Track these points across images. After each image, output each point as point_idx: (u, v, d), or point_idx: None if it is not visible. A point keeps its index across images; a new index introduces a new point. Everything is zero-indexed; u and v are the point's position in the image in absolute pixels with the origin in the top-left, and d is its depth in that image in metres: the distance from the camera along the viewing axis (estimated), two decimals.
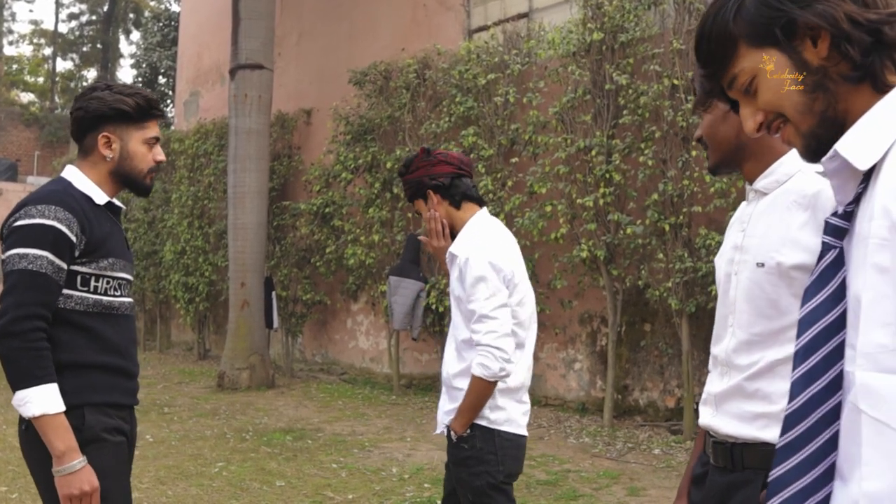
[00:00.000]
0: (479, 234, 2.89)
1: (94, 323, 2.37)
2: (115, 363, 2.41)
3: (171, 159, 14.10)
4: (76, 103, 2.47)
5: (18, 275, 2.24)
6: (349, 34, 11.86)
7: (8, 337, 2.20)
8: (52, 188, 2.38)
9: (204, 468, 6.16)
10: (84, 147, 2.48)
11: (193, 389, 10.34)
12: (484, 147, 8.62)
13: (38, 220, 2.27)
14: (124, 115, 2.44)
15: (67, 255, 2.30)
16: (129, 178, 2.51)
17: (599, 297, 8.18)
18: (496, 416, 2.77)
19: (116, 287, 2.46)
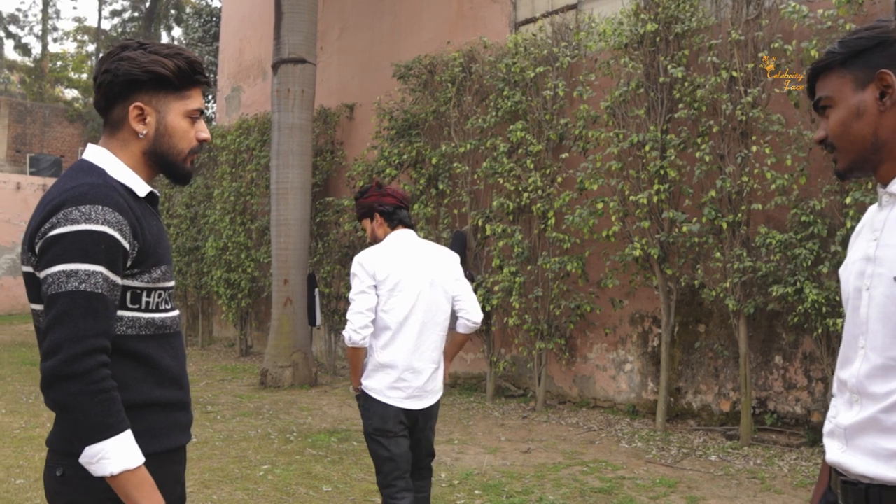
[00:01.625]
0: (375, 246, 3.79)
1: (148, 349, 1.95)
2: (173, 397, 2.02)
3: (214, 155, 14.11)
4: (101, 65, 1.96)
5: (69, 298, 1.78)
6: (392, 27, 11.70)
7: (67, 380, 1.74)
8: (91, 181, 1.87)
9: (249, 471, 6.05)
10: (111, 120, 1.98)
11: (236, 387, 10.27)
12: (532, 142, 8.41)
13: (84, 225, 1.80)
14: (162, 81, 1.96)
15: (121, 268, 1.87)
16: (167, 159, 2.02)
17: (651, 297, 7.93)
18: (367, 383, 3.69)
19: (166, 299, 2.04)
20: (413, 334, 3.65)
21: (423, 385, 3.67)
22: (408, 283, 3.65)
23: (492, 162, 8.75)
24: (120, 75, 1.92)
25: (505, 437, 7.28)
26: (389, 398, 3.60)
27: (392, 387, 3.61)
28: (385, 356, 3.63)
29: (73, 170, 1.95)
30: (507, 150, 8.66)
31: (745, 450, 6.67)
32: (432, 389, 3.75)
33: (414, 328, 3.65)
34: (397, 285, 3.63)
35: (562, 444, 7.04)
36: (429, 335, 3.70)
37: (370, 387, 3.64)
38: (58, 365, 1.74)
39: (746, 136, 6.87)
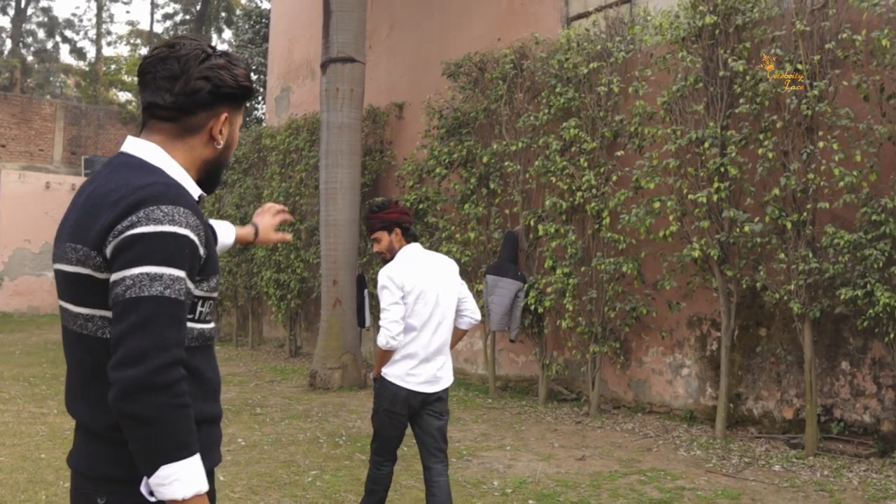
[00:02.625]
0: (397, 260, 4.28)
1: (196, 361, 1.85)
2: (215, 411, 1.93)
3: (263, 155, 14.12)
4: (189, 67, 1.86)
5: (154, 303, 1.65)
6: (441, 25, 11.55)
7: (153, 392, 1.62)
8: (163, 180, 1.77)
9: (297, 477, 5.94)
10: (187, 124, 1.89)
11: (285, 388, 10.21)
12: (586, 140, 8.19)
13: (168, 227, 1.69)
14: (244, 96, 1.96)
15: (196, 275, 1.78)
16: (220, 170, 2.01)
17: (710, 299, 7.67)
18: (387, 370, 4.22)
19: (211, 310, 1.95)
20: (430, 331, 4.23)
21: (436, 372, 4.24)
22: (428, 291, 4.22)
23: (544, 160, 8.55)
24: (220, 85, 1.88)
25: (558, 444, 7.08)
26: (407, 383, 4.17)
27: (409, 373, 4.19)
28: (408, 349, 4.20)
29: (128, 165, 1.83)
30: (560, 149, 8.45)
31: (811, 460, 6.38)
32: (443, 376, 4.30)
33: (431, 327, 4.23)
34: (421, 294, 4.19)
35: (617, 451, 6.82)
36: (442, 331, 4.28)
37: (390, 373, 4.21)
38: (144, 374, 1.62)
39: (812, 131, 6.58)
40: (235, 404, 8.94)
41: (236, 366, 12.45)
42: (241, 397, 9.43)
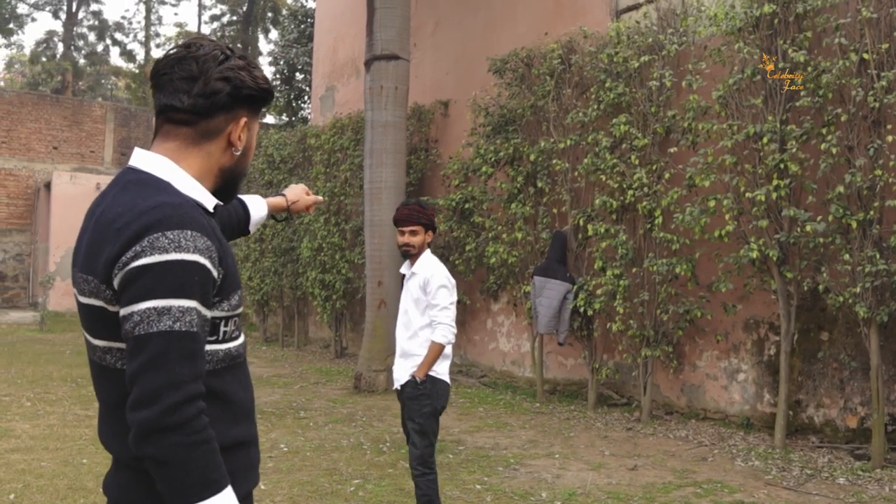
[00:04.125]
0: (438, 262, 4.58)
1: (224, 384, 1.77)
2: (248, 434, 1.84)
3: (308, 155, 14.05)
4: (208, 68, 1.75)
5: (164, 340, 1.56)
6: (487, 21, 11.33)
7: (168, 433, 1.55)
8: (170, 200, 1.66)
9: (339, 486, 5.77)
10: (203, 128, 1.77)
11: (330, 391, 10.09)
12: (637, 136, 7.91)
13: (174, 254, 1.59)
14: (264, 100, 1.86)
15: (211, 300, 1.68)
16: (238, 178, 1.90)
17: (768, 302, 7.33)
18: (438, 369, 4.46)
19: (238, 325, 1.85)
20: None
21: None
22: None
23: (593, 158, 8.29)
24: (241, 87, 1.78)
25: (609, 452, 6.82)
26: (448, 380, 4.52)
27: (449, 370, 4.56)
28: (449, 348, 4.52)
29: (135, 184, 1.72)
30: (610, 146, 8.18)
31: (878, 472, 6.04)
32: None
33: None
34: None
35: (671, 460, 6.54)
36: None
37: (441, 371, 4.45)
38: (157, 416, 1.55)
39: (879, 124, 6.22)
40: (280, 407, 8.84)
41: (282, 367, 12.38)
42: (286, 400, 9.33)
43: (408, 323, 4.57)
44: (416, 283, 4.53)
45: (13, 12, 31.77)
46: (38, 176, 22.77)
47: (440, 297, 4.45)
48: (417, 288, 4.52)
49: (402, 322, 4.63)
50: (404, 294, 4.64)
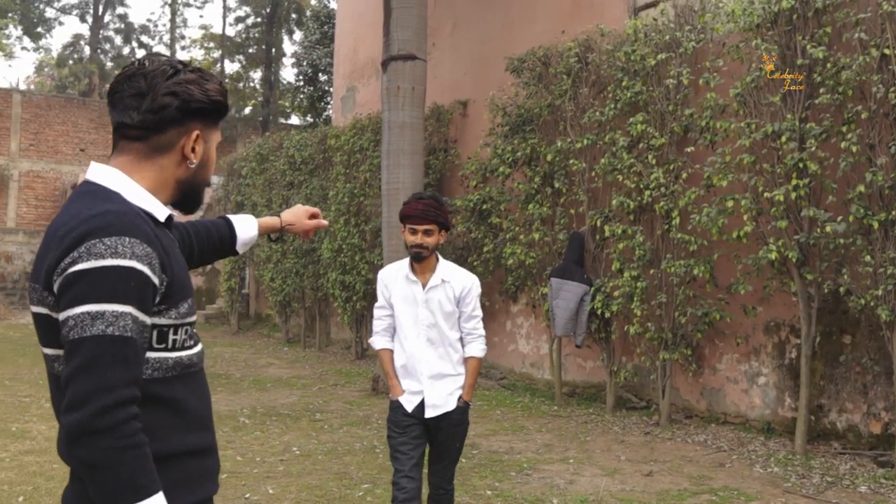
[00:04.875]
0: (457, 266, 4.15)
1: (175, 392, 1.79)
2: (203, 442, 1.86)
3: (328, 156, 14.03)
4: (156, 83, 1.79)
5: (95, 343, 1.58)
6: (505, 20, 11.23)
7: (95, 435, 1.56)
8: (113, 208, 1.69)
9: (348, 490, 5.72)
10: (155, 142, 1.81)
11: (348, 393, 10.05)
12: (654, 135, 7.78)
13: (111, 260, 1.61)
14: (217, 112, 1.89)
15: (151, 306, 1.70)
16: (197, 190, 1.93)
17: (789, 304, 7.17)
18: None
19: (192, 334, 1.87)
20: None
21: None
22: None
23: (610, 158, 8.17)
24: (188, 101, 1.81)
25: (625, 457, 6.70)
26: None
27: None
28: None
29: (84, 194, 1.77)
30: (627, 145, 8.06)
31: None
32: None
33: None
34: None
35: (688, 465, 6.41)
36: None
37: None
38: (85, 418, 1.56)
39: None
40: (296, 409, 8.81)
41: (302, 368, 12.37)
42: (303, 402, 9.31)
43: (438, 339, 3.98)
44: (448, 293, 3.98)
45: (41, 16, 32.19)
46: (65, 178, 23.01)
47: (478, 307, 4.07)
48: (449, 300, 3.99)
49: (425, 339, 3.97)
50: (424, 307, 3.98)
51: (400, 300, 4.02)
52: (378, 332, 4.12)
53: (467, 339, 4.05)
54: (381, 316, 4.11)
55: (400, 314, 4.04)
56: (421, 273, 4.01)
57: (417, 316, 3.98)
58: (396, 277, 4.06)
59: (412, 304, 3.99)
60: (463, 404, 3.96)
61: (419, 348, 3.96)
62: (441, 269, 4.01)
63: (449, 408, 3.93)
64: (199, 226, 2.35)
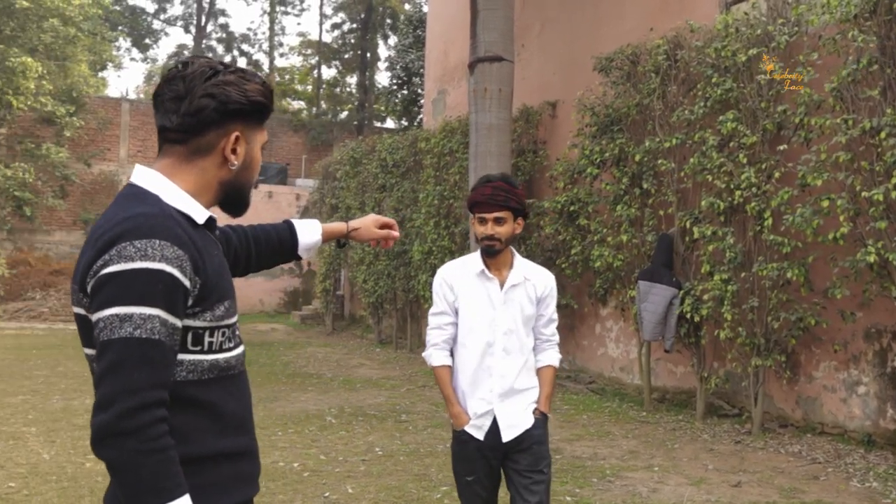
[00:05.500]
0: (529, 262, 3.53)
1: (211, 395, 1.79)
2: (239, 445, 1.85)
3: (419, 158, 14.12)
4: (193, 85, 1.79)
5: (123, 345, 1.60)
6: (594, 19, 11.06)
7: (120, 437, 1.57)
8: (145, 210, 1.70)
9: (427, 492, 5.72)
10: (196, 145, 1.81)
11: (435, 394, 10.06)
12: (745, 133, 7.51)
13: (139, 263, 1.62)
14: (259, 111, 1.87)
15: (181, 309, 1.69)
16: (241, 192, 1.92)
17: (890, 309, 6.80)
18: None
19: (230, 336, 1.86)
20: None
21: None
22: None
23: (700, 157, 7.93)
24: (225, 101, 1.80)
25: (713, 466, 6.49)
26: None
27: None
28: None
29: (124, 197, 1.80)
30: (717, 144, 7.81)
31: None
32: None
33: None
34: None
35: (779, 477, 6.16)
36: None
37: None
38: (110, 420, 1.58)
39: None
40: (382, 410, 8.89)
41: (392, 369, 12.48)
42: (390, 403, 9.38)
43: (516, 348, 3.38)
44: (530, 293, 3.42)
45: (149, 28, 33.60)
46: None
47: (554, 309, 3.51)
48: (531, 301, 3.42)
49: (501, 349, 3.35)
50: (503, 309, 3.37)
51: (470, 302, 3.39)
52: (435, 344, 3.44)
53: (542, 347, 3.49)
54: (440, 325, 3.44)
55: (469, 319, 3.38)
56: (496, 269, 3.40)
57: (494, 320, 3.35)
58: (465, 275, 3.41)
59: (486, 305, 3.37)
60: (541, 416, 3.38)
61: (493, 360, 3.34)
62: (522, 266, 3.44)
63: (527, 425, 3.32)
64: (258, 230, 2.35)
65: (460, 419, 3.33)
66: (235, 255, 2.25)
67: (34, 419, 7.95)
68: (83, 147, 22.19)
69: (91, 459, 6.39)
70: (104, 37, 23.65)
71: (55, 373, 11.04)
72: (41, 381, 10.24)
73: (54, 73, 20.68)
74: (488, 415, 3.31)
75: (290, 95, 34.73)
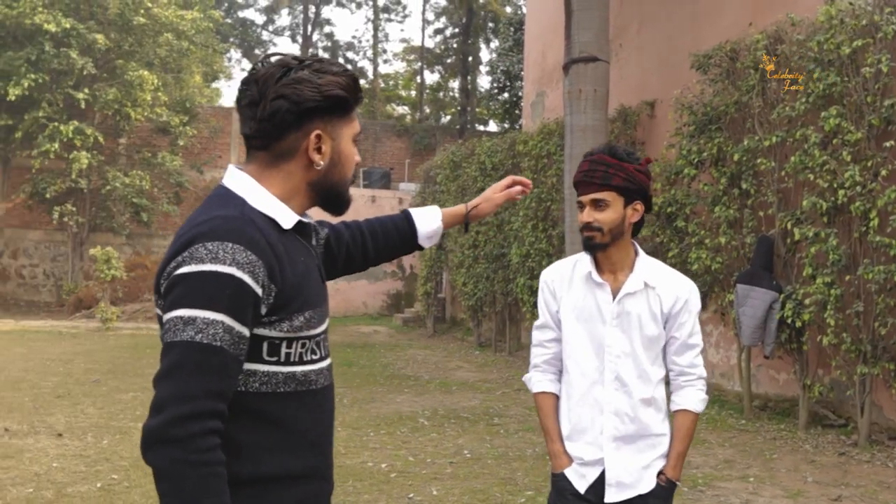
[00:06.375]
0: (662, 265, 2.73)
1: (284, 410, 1.69)
2: (307, 466, 1.74)
3: (517, 161, 14.08)
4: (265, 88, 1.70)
5: (182, 349, 1.55)
6: (692, 15, 10.79)
7: (167, 444, 1.51)
8: (224, 213, 1.65)
9: (511, 496, 5.69)
10: (278, 150, 1.73)
11: (531, 398, 9.98)
12: (850, 130, 7.17)
13: (209, 265, 1.57)
14: (338, 104, 1.74)
15: (251, 316, 1.61)
16: (335, 190, 1.81)
17: None
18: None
19: (314, 348, 1.75)
20: None
21: None
22: None
23: (801, 155, 7.62)
24: (299, 102, 1.69)
25: (812, 478, 6.21)
26: None
27: None
28: None
29: (211, 198, 1.75)
30: (820, 141, 7.48)
31: None
32: None
33: None
34: None
35: (884, 492, 5.84)
36: None
37: None
38: (159, 426, 1.53)
39: None
40: (475, 413, 8.90)
41: (490, 372, 12.48)
42: (484, 406, 9.38)
43: (633, 379, 2.60)
44: (653, 306, 2.60)
45: (258, 39, 34.73)
46: None
47: (698, 332, 2.65)
48: (654, 316, 2.60)
49: (613, 378, 2.61)
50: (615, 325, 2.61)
51: (575, 314, 2.66)
52: (536, 365, 2.81)
53: (678, 383, 2.64)
54: (541, 341, 2.79)
55: (572, 336, 2.67)
56: (609, 272, 2.63)
57: (603, 340, 2.61)
58: (571, 279, 2.70)
59: (594, 319, 2.63)
60: (666, 483, 2.60)
61: (604, 392, 2.60)
62: (642, 267, 2.63)
63: (643, 489, 2.57)
64: (374, 223, 2.25)
65: (560, 460, 2.66)
66: (349, 251, 2.17)
67: (141, 415, 8.31)
68: (196, 155, 23.10)
69: None
70: (215, 49, 24.53)
71: None
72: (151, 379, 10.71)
73: (170, 85, 21.60)
74: (596, 465, 2.60)
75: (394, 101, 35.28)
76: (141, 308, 19.06)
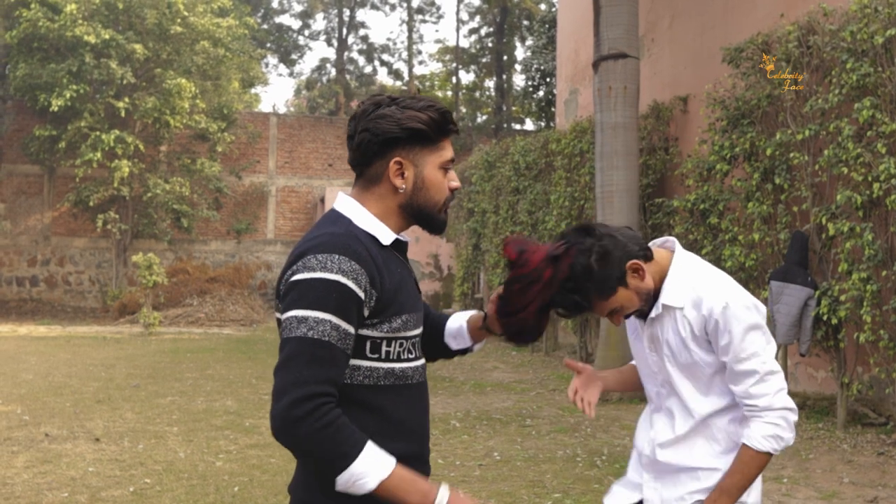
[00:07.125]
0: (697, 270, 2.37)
1: (385, 400, 1.98)
2: (406, 450, 1.98)
3: (550, 160, 14.00)
4: (357, 124, 2.03)
5: (297, 344, 1.85)
6: (725, 9, 10.63)
7: (295, 424, 1.80)
8: (333, 230, 1.96)
9: (538, 499, 5.66)
10: (368, 175, 2.04)
11: (564, 399, 9.93)
12: (885, 121, 7.00)
13: (318, 273, 1.87)
14: (419, 136, 2.00)
15: (355, 317, 1.90)
16: (424, 212, 2.06)
17: None
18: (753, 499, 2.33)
19: (410, 348, 2.03)
20: None
21: None
22: None
23: (835, 149, 7.46)
24: (379, 133, 1.98)
25: (849, 479, 6.08)
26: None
27: None
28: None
29: (323, 220, 2.06)
30: (854, 134, 7.32)
31: None
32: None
33: None
34: None
35: None
36: None
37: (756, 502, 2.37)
38: (281, 409, 1.80)
39: None
40: (508, 414, 8.87)
41: (525, 372, 12.44)
42: (516, 407, 9.34)
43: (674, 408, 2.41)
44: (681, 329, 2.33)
45: (294, 44, 35.00)
46: (315, 192, 24.81)
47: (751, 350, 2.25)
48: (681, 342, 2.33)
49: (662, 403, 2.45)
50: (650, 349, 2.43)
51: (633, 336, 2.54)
52: None
53: (744, 413, 2.30)
54: None
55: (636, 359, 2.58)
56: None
57: (647, 361, 2.45)
58: None
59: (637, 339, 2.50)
60: None
61: (658, 416, 2.45)
62: (670, 284, 2.34)
63: None
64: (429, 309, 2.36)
65: None
66: None
67: (177, 419, 8.43)
68: (234, 161, 23.39)
69: (221, 459, 6.72)
70: (252, 55, 24.81)
71: (204, 375, 11.66)
72: (189, 384, 10.83)
73: (209, 92, 21.89)
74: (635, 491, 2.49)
75: None
76: (182, 313, 19.34)
